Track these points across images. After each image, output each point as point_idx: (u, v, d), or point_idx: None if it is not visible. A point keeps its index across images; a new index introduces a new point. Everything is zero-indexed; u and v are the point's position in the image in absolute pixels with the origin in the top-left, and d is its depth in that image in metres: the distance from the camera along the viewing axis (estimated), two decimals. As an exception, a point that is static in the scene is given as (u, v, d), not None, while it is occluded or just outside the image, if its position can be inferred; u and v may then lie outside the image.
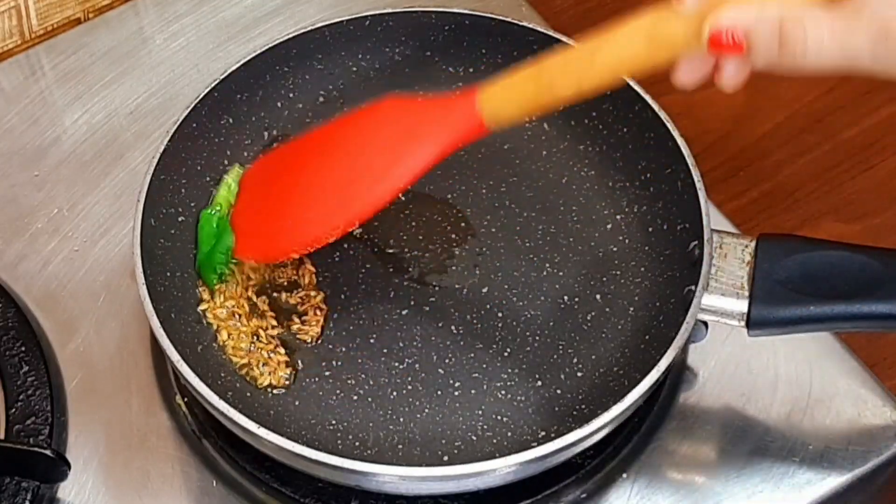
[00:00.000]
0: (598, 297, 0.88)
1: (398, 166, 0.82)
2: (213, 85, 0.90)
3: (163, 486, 0.85)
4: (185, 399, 0.87)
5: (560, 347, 0.86)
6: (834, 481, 0.85)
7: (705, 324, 0.84)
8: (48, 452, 0.81)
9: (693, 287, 0.81)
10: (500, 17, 0.93)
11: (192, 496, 0.85)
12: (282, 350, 0.86)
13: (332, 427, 0.83)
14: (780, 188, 1.12)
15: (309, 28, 0.93)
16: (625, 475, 0.85)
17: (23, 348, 0.88)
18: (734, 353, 0.89)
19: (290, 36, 0.93)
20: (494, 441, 0.83)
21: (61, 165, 0.99)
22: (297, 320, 0.87)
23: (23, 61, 1.06)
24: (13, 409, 0.85)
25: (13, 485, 0.82)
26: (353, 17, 0.94)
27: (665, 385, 0.88)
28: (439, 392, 0.85)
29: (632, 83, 0.90)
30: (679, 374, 0.88)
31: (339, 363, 0.86)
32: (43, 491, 0.83)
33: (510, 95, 0.79)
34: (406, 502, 0.83)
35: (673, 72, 0.73)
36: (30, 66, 1.05)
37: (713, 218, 0.93)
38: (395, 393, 0.85)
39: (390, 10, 0.94)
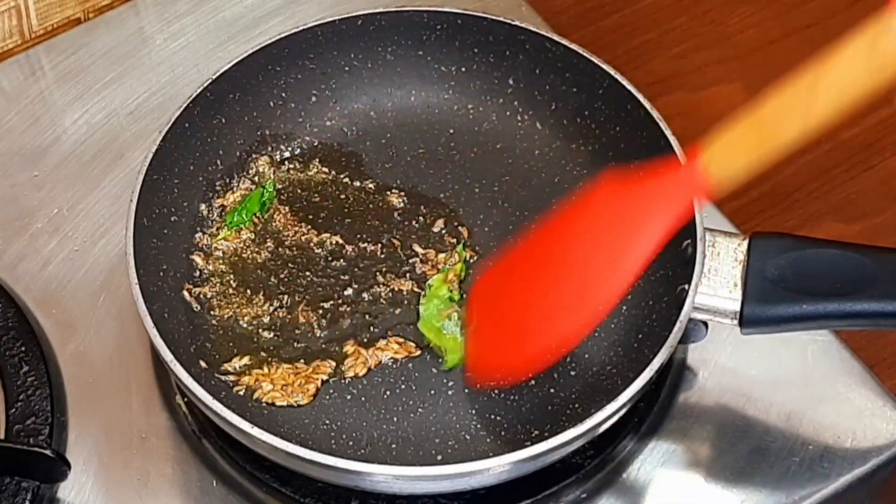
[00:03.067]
0: (590, 295, 0.88)
1: (635, 252, 0.77)
2: (205, 85, 0.90)
3: (163, 485, 0.85)
4: (185, 399, 0.87)
5: (553, 346, 0.86)
6: (834, 481, 0.85)
7: (705, 324, 0.84)
8: (48, 452, 0.81)
9: (686, 286, 0.81)
10: (492, 17, 0.93)
11: (192, 496, 0.85)
12: (275, 351, 0.87)
13: (325, 426, 0.83)
14: (780, 188, 1.12)
15: (301, 28, 0.93)
16: (625, 475, 0.85)
17: (23, 348, 0.88)
18: (734, 353, 0.89)
19: (283, 36, 0.93)
20: (488, 440, 0.83)
21: (61, 165, 0.99)
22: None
23: (23, 61, 1.06)
24: (13, 409, 0.85)
25: (13, 485, 0.82)
26: (345, 16, 0.94)
27: (665, 385, 0.88)
28: (433, 391, 0.85)
29: (624, 82, 0.90)
30: (679, 374, 0.88)
31: (334, 362, 0.86)
32: (43, 491, 0.83)
33: (734, 152, 0.75)
34: (406, 502, 0.83)
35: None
36: (30, 66, 1.05)
37: (712, 218, 0.93)
38: (388, 392, 0.85)
39: (382, 10, 0.94)
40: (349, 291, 0.89)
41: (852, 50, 0.69)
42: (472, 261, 0.90)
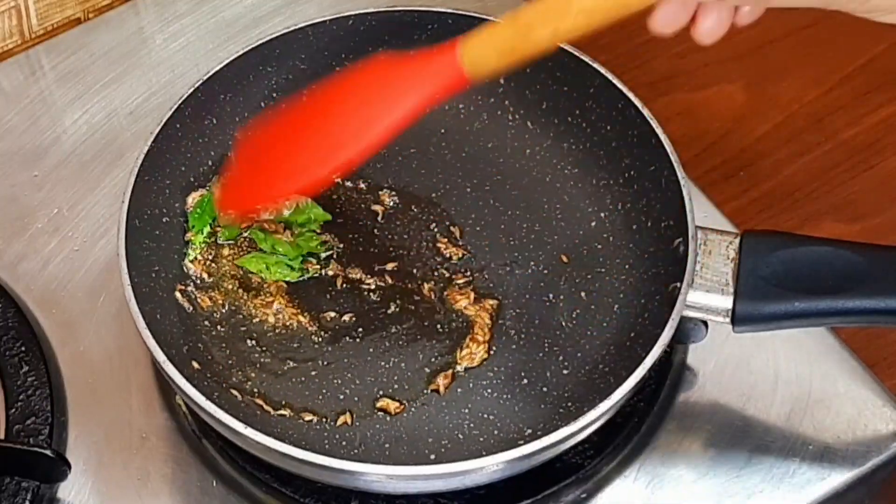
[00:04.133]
0: (583, 294, 0.88)
1: (381, 118, 0.81)
2: (196, 86, 0.91)
3: (163, 485, 0.85)
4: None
5: (546, 345, 0.86)
6: (834, 481, 0.85)
7: (705, 324, 0.84)
8: (48, 452, 0.81)
9: (678, 284, 0.81)
10: (483, 16, 0.93)
11: (192, 496, 0.85)
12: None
13: (319, 427, 0.83)
14: (780, 188, 1.12)
15: (292, 28, 0.93)
16: (625, 475, 0.85)
17: (23, 348, 0.88)
18: (734, 353, 0.89)
19: (274, 36, 0.93)
20: (481, 439, 0.83)
21: (61, 165, 0.99)
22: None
23: (23, 61, 1.06)
24: (13, 409, 0.85)
25: (13, 485, 0.82)
26: (336, 16, 0.94)
27: (665, 385, 0.88)
28: (426, 391, 0.85)
29: (615, 81, 0.90)
30: (679, 374, 0.89)
31: (326, 363, 0.86)
32: (43, 491, 0.83)
33: (489, 44, 0.78)
34: (406, 502, 0.83)
35: (649, 19, 0.73)
36: (30, 66, 1.05)
37: (712, 217, 0.93)
38: (381, 391, 0.85)
39: (373, 10, 0.94)
40: (341, 290, 0.89)
41: None
42: (463, 259, 0.90)
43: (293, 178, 0.84)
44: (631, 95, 0.89)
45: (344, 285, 0.89)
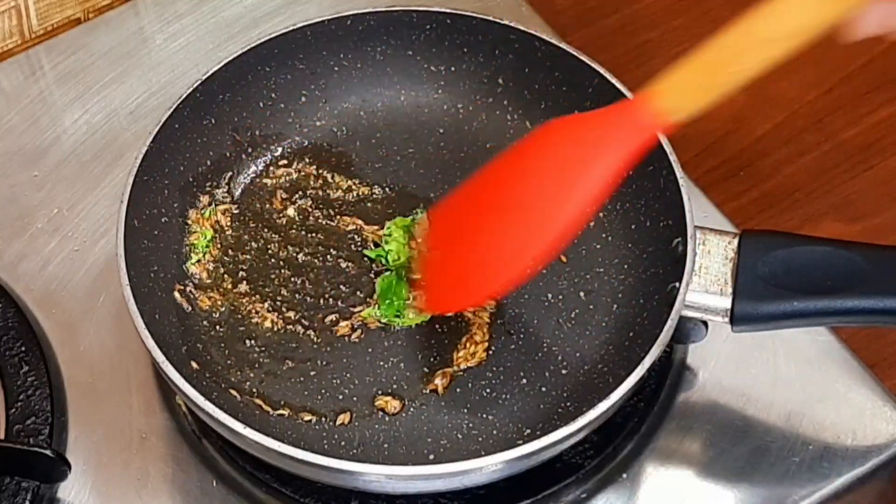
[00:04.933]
0: (581, 294, 0.88)
1: (583, 188, 0.77)
2: (194, 86, 0.90)
3: (163, 485, 0.85)
4: (184, 399, 0.87)
5: (544, 345, 0.86)
6: (834, 481, 0.85)
7: (705, 324, 0.84)
8: (48, 452, 0.81)
9: (677, 284, 0.81)
10: (482, 16, 0.93)
11: (192, 496, 0.85)
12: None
13: (317, 427, 0.83)
14: (780, 188, 1.12)
15: (290, 28, 0.93)
16: (625, 475, 0.85)
17: (23, 348, 0.88)
18: (734, 354, 0.89)
19: (272, 36, 0.93)
20: (480, 439, 0.83)
21: (61, 165, 0.99)
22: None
23: (23, 61, 1.06)
24: (13, 409, 0.85)
25: (13, 485, 0.82)
26: (335, 16, 0.94)
27: (665, 385, 0.88)
28: (425, 391, 0.85)
29: (614, 81, 0.90)
30: (679, 374, 0.88)
31: (325, 363, 0.86)
32: (43, 491, 0.83)
33: (687, 88, 0.75)
34: (406, 502, 0.83)
35: (852, 24, 0.70)
36: (30, 66, 1.05)
37: (712, 217, 0.93)
38: (380, 391, 0.85)
39: (371, 10, 0.94)
40: (340, 290, 0.89)
41: None
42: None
43: (495, 273, 0.81)
44: (629, 95, 0.89)
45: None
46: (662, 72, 0.75)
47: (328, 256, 0.90)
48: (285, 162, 0.95)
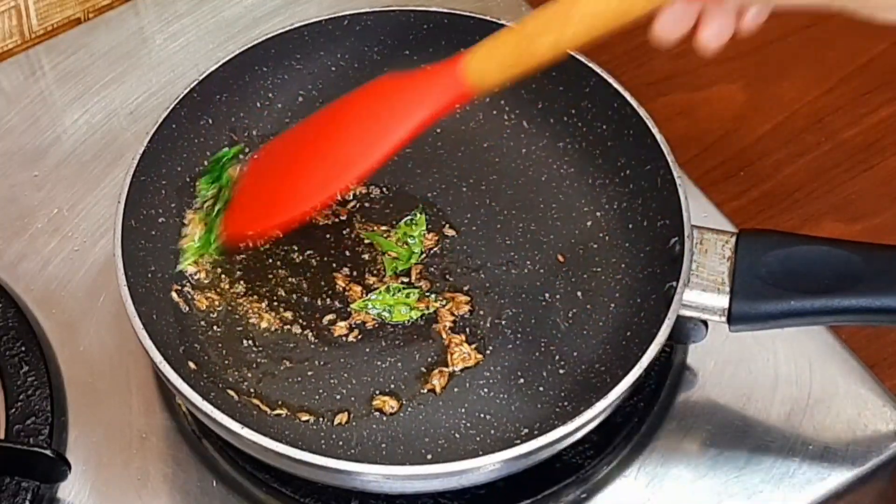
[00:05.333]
0: (579, 293, 0.88)
1: (385, 135, 0.81)
2: (191, 86, 0.91)
3: (163, 486, 0.85)
4: (183, 399, 0.87)
5: (542, 345, 0.86)
6: (834, 481, 0.85)
7: (705, 323, 0.84)
8: (48, 452, 0.81)
9: (674, 283, 0.81)
10: (478, 16, 0.93)
11: (192, 496, 0.85)
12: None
13: (315, 426, 0.83)
14: (780, 188, 1.12)
15: (287, 28, 0.93)
16: (625, 475, 0.85)
17: (23, 348, 0.88)
18: (734, 353, 0.89)
19: (269, 36, 0.93)
20: (478, 439, 0.83)
21: (61, 165, 0.99)
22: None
23: (23, 61, 1.06)
24: (13, 409, 0.85)
25: (13, 485, 0.82)
26: (332, 16, 0.94)
27: (665, 385, 0.88)
28: (423, 390, 0.85)
29: (611, 80, 0.90)
30: (679, 374, 0.88)
31: (322, 363, 0.86)
32: (43, 491, 0.83)
33: (492, 58, 0.78)
34: (406, 501, 0.83)
35: (652, 26, 0.72)
36: (30, 66, 1.05)
37: (711, 217, 0.93)
38: (377, 391, 0.85)
39: (368, 10, 0.94)
40: (338, 291, 0.89)
41: None
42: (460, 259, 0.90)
43: (299, 200, 0.84)
44: (626, 94, 0.89)
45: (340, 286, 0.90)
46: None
47: (325, 256, 0.90)
48: (282, 162, 0.95)
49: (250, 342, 0.87)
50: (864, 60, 1.17)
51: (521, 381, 0.85)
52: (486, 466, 0.76)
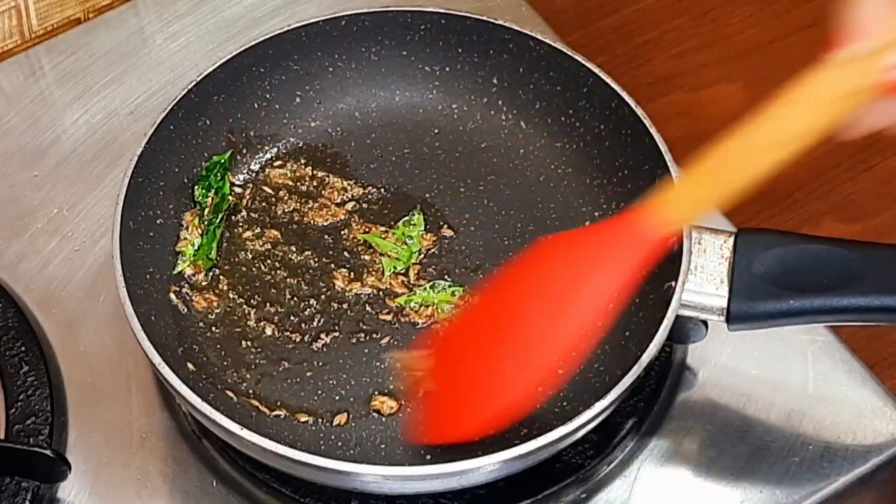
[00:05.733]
0: (577, 294, 0.88)
1: (587, 308, 0.77)
2: (189, 87, 0.90)
3: (163, 486, 0.85)
4: (182, 400, 0.87)
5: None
6: (834, 481, 0.84)
7: (705, 323, 0.84)
8: (48, 452, 0.81)
9: (672, 283, 0.81)
10: (476, 16, 0.93)
11: (192, 496, 0.85)
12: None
13: (314, 427, 0.83)
14: (780, 188, 1.12)
15: (285, 29, 0.93)
16: (625, 475, 0.85)
17: (23, 348, 0.88)
18: (734, 354, 0.89)
19: (267, 37, 0.93)
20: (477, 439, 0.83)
21: (61, 165, 0.99)
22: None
23: (23, 61, 1.06)
24: (13, 409, 0.85)
25: (13, 485, 0.82)
26: (329, 16, 0.94)
27: (665, 385, 0.88)
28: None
29: (609, 81, 0.90)
30: (679, 374, 0.88)
31: (321, 363, 0.86)
32: (43, 491, 0.83)
33: (687, 203, 0.76)
34: (406, 502, 0.83)
35: (857, 121, 0.71)
36: (30, 65, 1.05)
37: (713, 217, 0.93)
38: (376, 391, 0.85)
39: (366, 10, 0.94)
40: (336, 293, 0.89)
41: (802, 96, 0.70)
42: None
43: (505, 398, 0.79)
44: (624, 94, 0.89)
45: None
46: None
47: (324, 257, 0.90)
48: (280, 163, 0.95)
49: (249, 343, 0.87)
50: (864, 60, 1.17)
51: (520, 381, 0.85)
52: (485, 467, 0.76)
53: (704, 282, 0.81)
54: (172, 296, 0.88)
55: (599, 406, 0.77)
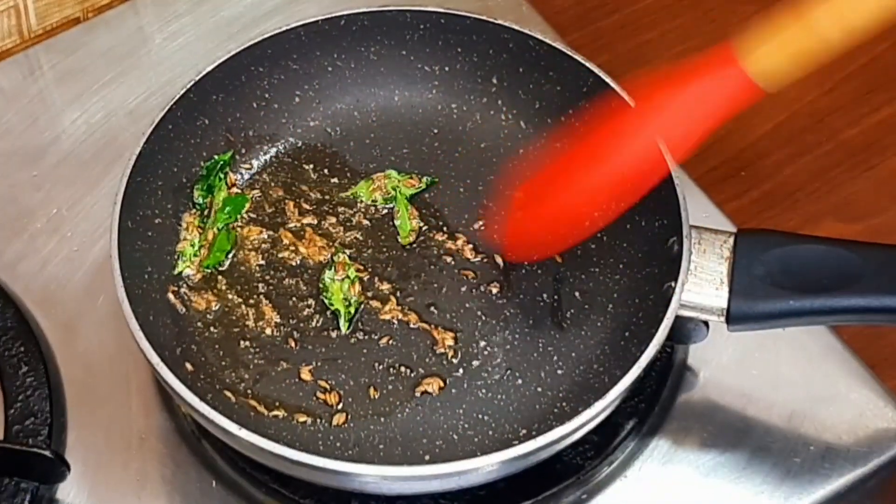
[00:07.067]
0: (577, 294, 0.88)
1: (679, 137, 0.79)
2: (188, 87, 0.90)
3: (162, 486, 0.85)
4: (180, 400, 0.87)
5: (540, 345, 0.86)
6: (835, 482, 0.84)
7: (706, 324, 0.84)
8: (47, 453, 0.81)
9: (672, 283, 0.81)
10: (475, 16, 0.93)
11: (192, 497, 0.85)
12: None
13: (313, 427, 0.83)
14: (780, 188, 1.12)
15: (284, 28, 0.93)
16: (625, 476, 0.85)
17: (22, 348, 0.88)
18: (735, 354, 0.89)
19: (265, 36, 0.93)
20: (476, 440, 0.83)
21: (60, 165, 0.99)
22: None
23: (22, 61, 1.06)
24: (12, 410, 0.85)
25: (12, 485, 0.82)
26: (328, 16, 0.94)
27: (666, 385, 0.88)
28: (420, 392, 0.85)
29: (608, 80, 0.89)
30: (679, 374, 0.88)
31: (319, 363, 0.86)
32: (42, 491, 0.83)
33: (775, 48, 0.75)
34: (405, 502, 0.83)
35: None
36: (29, 65, 1.05)
37: (712, 217, 0.93)
38: (375, 392, 0.85)
39: (365, 10, 0.94)
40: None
41: None
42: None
43: (583, 218, 0.84)
44: (624, 95, 0.89)
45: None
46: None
47: (322, 258, 0.90)
48: (279, 162, 0.95)
49: (247, 343, 0.87)
50: (864, 60, 1.17)
51: (520, 381, 0.85)
52: (484, 467, 0.76)
53: (704, 282, 0.81)
54: (171, 296, 0.88)
55: (599, 406, 0.77)
